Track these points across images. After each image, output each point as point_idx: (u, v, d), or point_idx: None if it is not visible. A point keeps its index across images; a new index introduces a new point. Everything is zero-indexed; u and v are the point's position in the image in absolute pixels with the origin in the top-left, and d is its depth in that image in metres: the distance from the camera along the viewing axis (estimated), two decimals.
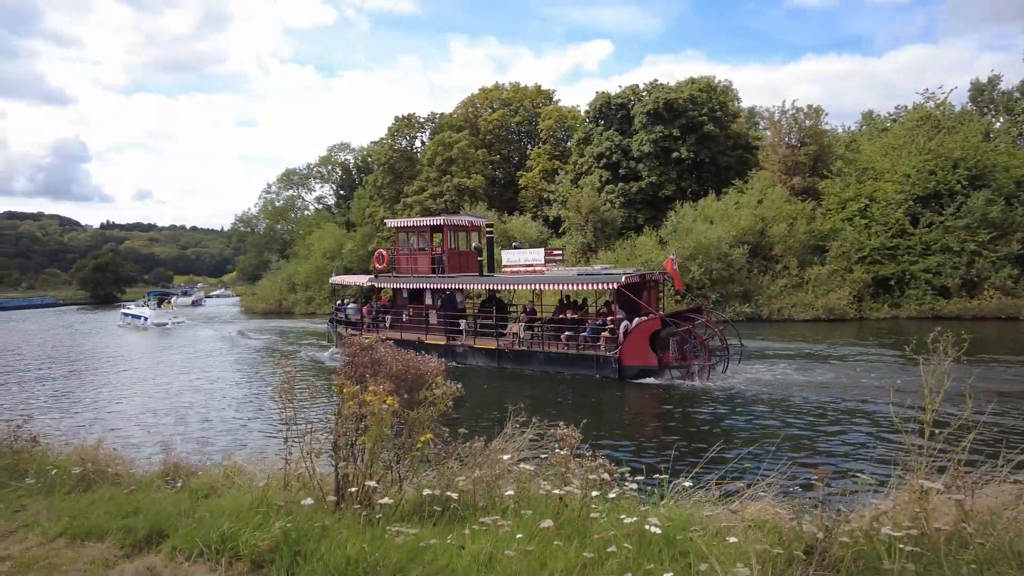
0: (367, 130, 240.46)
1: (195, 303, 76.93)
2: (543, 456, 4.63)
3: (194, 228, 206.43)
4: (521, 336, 20.18)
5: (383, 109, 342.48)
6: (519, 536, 3.45)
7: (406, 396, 4.78)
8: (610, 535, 3.42)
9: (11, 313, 73.15)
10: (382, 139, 62.17)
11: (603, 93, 46.91)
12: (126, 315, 48.85)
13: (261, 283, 66.30)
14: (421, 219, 26.95)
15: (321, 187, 78.91)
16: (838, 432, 11.83)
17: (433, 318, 23.11)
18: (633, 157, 43.57)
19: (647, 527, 3.46)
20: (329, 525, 3.89)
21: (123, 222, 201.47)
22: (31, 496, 5.46)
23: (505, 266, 22.73)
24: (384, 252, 26.73)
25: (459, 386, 4.82)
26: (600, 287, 19.80)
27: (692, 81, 44.14)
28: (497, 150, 57.85)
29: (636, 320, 17.89)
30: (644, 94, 44.64)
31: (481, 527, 3.65)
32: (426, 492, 4.22)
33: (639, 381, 17.27)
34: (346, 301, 27.99)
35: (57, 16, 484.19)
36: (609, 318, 18.70)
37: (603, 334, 18.28)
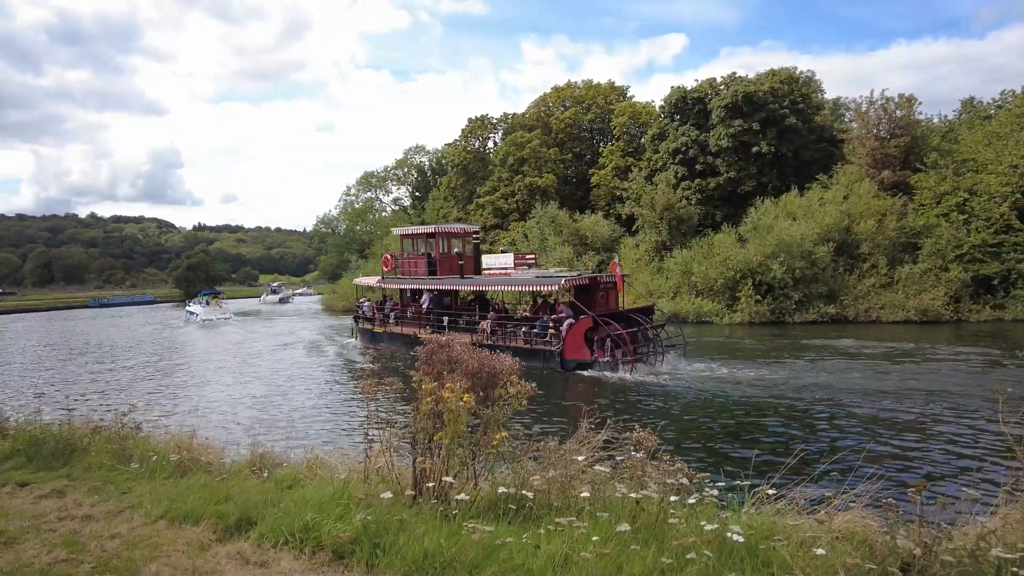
0: (441, 132, 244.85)
1: (282, 300, 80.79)
2: (618, 458, 4.56)
3: (278, 229, 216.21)
4: (488, 332, 22.21)
5: (456, 111, 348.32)
6: (595, 538, 3.42)
7: (481, 394, 4.82)
8: (689, 541, 3.33)
9: (115, 309, 78.83)
10: (455, 141, 63.06)
11: (679, 87, 45.86)
12: (187, 312, 54.06)
13: (341, 282, 68.60)
14: (419, 227, 30.64)
15: (397, 189, 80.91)
16: (933, 443, 11.09)
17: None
18: (710, 152, 42.36)
19: (729, 534, 3.34)
20: (407, 519, 3.98)
21: (213, 224, 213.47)
22: (135, 480, 5.87)
23: (485, 269, 25.69)
24: (390, 256, 30.39)
25: (533, 385, 4.82)
26: (547, 288, 21.45)
27: (773, 73, 42.46)
28: (569, 148, 57.53)
29: (580, 318, 19.80)
30: (722, 87, 43.30)
31: (556, 527, 3.63)
32: (501, 490, 4.24)
33: (578, 373, 19.09)
34: (363, 300, 31.05)
35: (156, 33, 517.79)
36: (553, 316, 20.70)
37: (549, 331, 20.29)
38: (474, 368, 4.96)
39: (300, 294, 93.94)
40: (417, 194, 78.32)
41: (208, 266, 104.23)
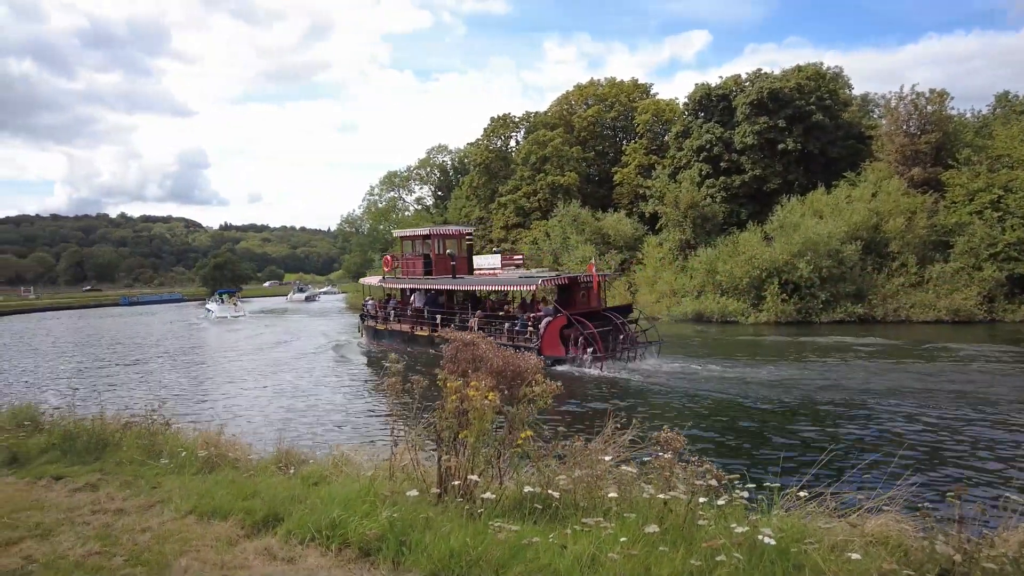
0: (463, 132, 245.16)
1: (308, 299, 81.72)
2: (645, 459, 4.51)
3: (303, 228, 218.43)
4: (475, 329, 22.17)
5: (478, 111, 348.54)
6: (623, 539, 3.38)
7: (506, 392, 4.80)
8: (719, 543, 3.28)
9: (143, 307, 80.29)
10: (478, 140, 63.13)
11: (703, 85, 45.37)
12: (206, 309, 57.05)
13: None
14: (416, 229, 32.01)
15: (420, 188, 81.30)
16: (968, 446, 10.82)
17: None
18: (735, 150, 41.87)
19: (760, 537, 3.29)
20: (432, 517, 3.97)
21: (239, 223, 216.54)
22: (165, 475, 5.95)
23: (476, 269, 27.05)
24: (390, 257, 32.01)
25: (558, 384, 4.79)
26: (527, 288, 22.09)
27: (799, 69, 41.81)
28: (592, 147, 57.24)
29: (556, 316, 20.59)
30: (747, 84, 42.75)
31: (583, 528, 3.60)
32: (527, 489, 4.22)
33: (554, 368, 19.13)
34: (368, 299, 32.10)
35: (183, 36, 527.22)
36: (531, 315, 21.35)
37: (528, 328, 20.98)
38: (499, 366, 4.95)
39: (325, 292, 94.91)
40: (440, 193, 78.63)
41: (234, 265, 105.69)
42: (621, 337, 20.60)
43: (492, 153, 59.65)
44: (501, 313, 24.01)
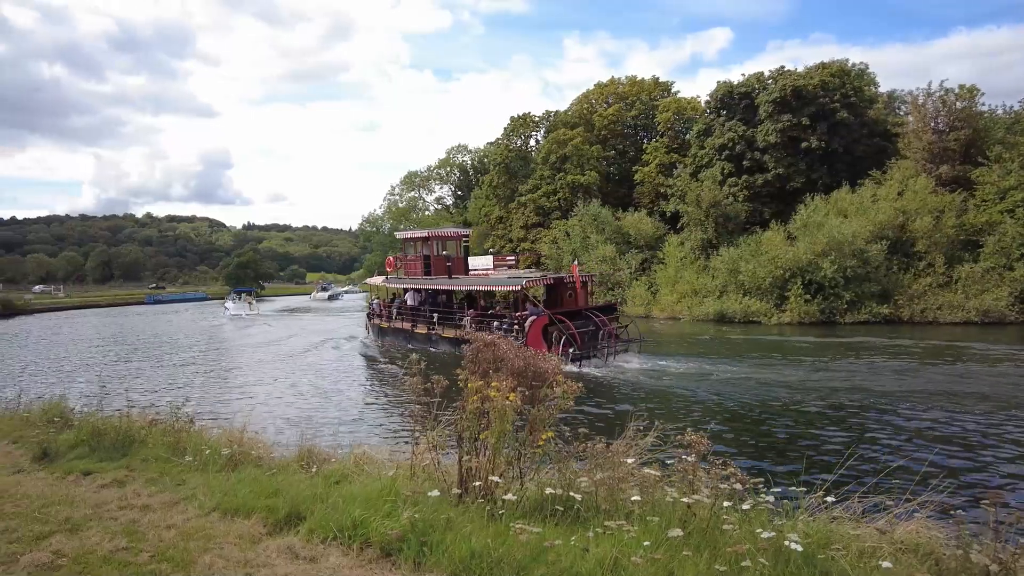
0: (483, 131, 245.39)
1: (331, 297, 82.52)
2: (668, 461, 4.46)
3: (324, 228, 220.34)
4: (467, 327, 23.49)
5: (498, 110, 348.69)
6: (646, 543, 3.34)
7: (527, 393, 4.78)
8: (744, 548, 3.23)
9: (168, 306, 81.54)
10: (498, 139, 63.12)
11: (725, 82, 44.86)
12: (224, 307, 59.89)
13: None
14: (417, 231, 32.74)
15: (440, 188, 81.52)
16: (1001, 451, 10.56)
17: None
18: (758, 148, 41.36)
19: (786, 543, 3.23)
20: (453, 517, 3.96)
21: (261, 223, 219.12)
22: (189, 472, 6.03)
23: (472, 270, 28.09)
24: (392, 259, 32.90)
25: (580, 385, 4.76)
26: (512, 288, 22.79)
27: (823, 66, 41.16)
28: (612, 145, 56.91)
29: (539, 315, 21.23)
30: (770, 82, 42.20)
31: (605, 530, 3.57)
32: (548, 491, 4.19)
33: None
34: (374, 298, 33.45)
35: (207, 38, 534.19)
36: (518, 313, 21.99)
37: (514, 326, 21.52)
38: (520, 367, 4.93)
39: (347, 291, 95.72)
40: (459, 193, 78.80)
41: (257, 264, 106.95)
42: (600, 335, 21.17)
43: (512, 152, 59.61)
44: (491, 312, 24.80)
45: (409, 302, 28.13)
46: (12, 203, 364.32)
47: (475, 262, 28.50)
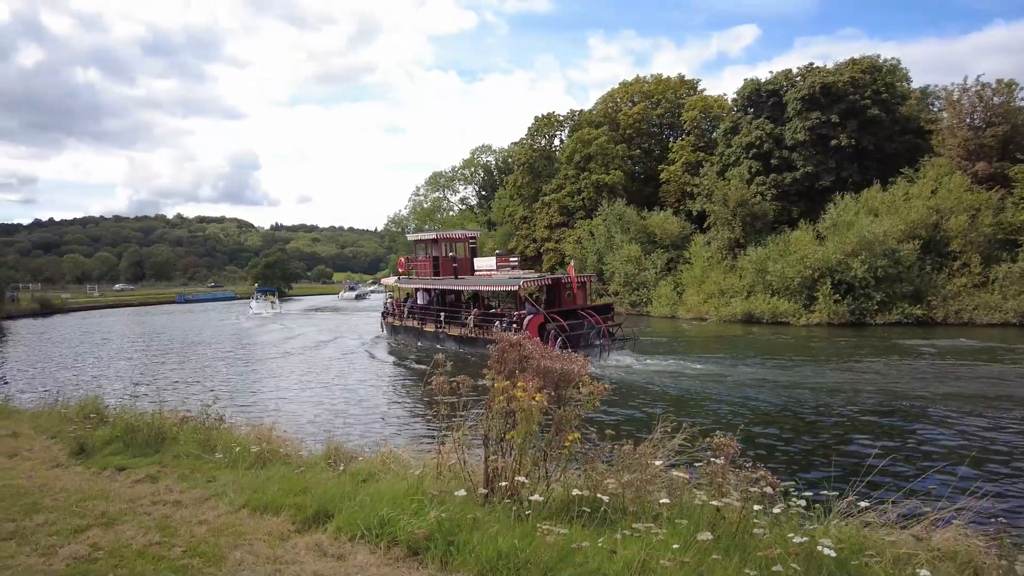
0: (507, 131, 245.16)
1: (359, 297, 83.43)
2: (696, 464, 4.41)
3: (351, 228, 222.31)
4: (472, 325, 24.56)
5: (523, 110, 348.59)
6: (674, 546, 3.30)
7: (552, 393, 4.76)
8: (775, 553, 3.18)
9: (197, 305, 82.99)
10: (522, 139, 63.14)
11: (752, 80, 44.30)
12: (248, 307, 61.33)
13: None
14: (426, 233, 34.42)
15: (464, 188, 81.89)
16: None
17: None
18: (786, 146, 40.77)
19: (819, 548, 3.17)
20: (480, 517, 3.97)
21: (289, 224, 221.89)
22: (219, 469, 6.13)
23: (477, 270, 28.99)
24: (403, 259, 34.21)
25: (607, 385, 4.73)
26: (510, 288, 23.62)
27: (853, 62, 40.40)
28: (637, 144, 56.54)
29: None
30: (798, 79, 41.56)
31: (633, 533, 3.54)
32: (575, 492, 4.17)
33: None
34: (388, 298, 34.44)
35: (235, 42, 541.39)
36: (517, 313, 22.71)
37: (513, 325, 21.92)
38: (546, 367, 4.91)
39: (373, 291, 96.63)
40: (483, 193, 79.01)
41: (285, 264, 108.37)
42: (592, 334, 21.84)
43: (536, 152, 59.56)
44: (493, 311, 25.76)
45: (420, 301, 29.29)
46: (50, 205, 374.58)
47: (480, 263, 29.51)
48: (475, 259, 29.88)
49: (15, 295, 64.41)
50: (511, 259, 30.13)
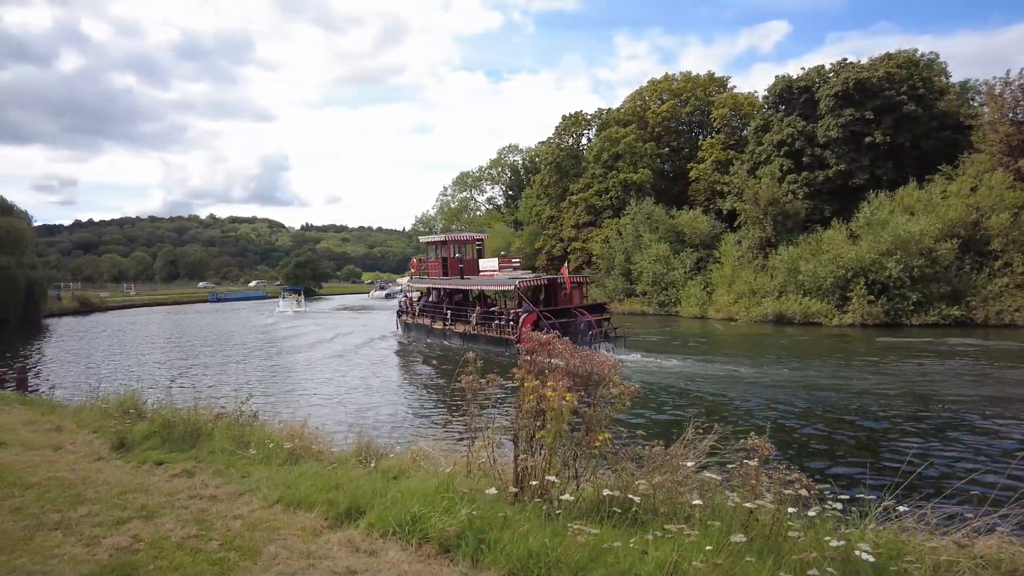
0: (535, 131, 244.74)
1: (388, 296, 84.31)
2: (729, 465, 4.36)
3: (379, 228, 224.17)
4: (474, 323, 25.95)
5: (550, 109, 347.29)
6: (707, 548, 3.27)
7: (582, 393, 4.75)
8: (810, 557, 3.13)
9: (228, 304, 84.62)
10: (549, 139, 63.07)
11: (783, 76, 43.58)
12: (277, 305, 63.86)
13: None
14: (436, 236, 35.91)
15: (492, 188, 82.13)
16: None
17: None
18: (819, 144, 40.01)
19: (856, 552, 3.11)
20: (510, 516, 3.97)
21: (319, 224, 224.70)
22: (253, 465, 6.24)
23: (482, 271, 30.63)
24: (415, 260, 36.18)
25: (637, 386, 4.70)
26: (507, 288, 25.05)
27: (888, 57, 39.46)
28: (666, 143, 56.07)
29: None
30: (831, 75, 40.74)
31: (665, 534, 3.51)
32: (606, 492, 4.16)
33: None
34: (402, 297, 36.27)
35: (266, 45, 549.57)
36: (513, 311, 23.98)
37: (510, 322, 23.49)
38: (576, 366, 4.90)
39: (402, 290, 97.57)
40: (510, 193, 79.10)
41: (315, 264, 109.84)
42: (583, 329, 22.88)
43: (563, 151, 59.42)
44: (493, 309, 26.92)
45: (431, 300, 30.92)
46: (89, 206, 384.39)
47: (484, 264, 31.01)
48: (480, 260, 31.32)
49: (59, 294, 66.34)
50: (513, 260, 32.17)
